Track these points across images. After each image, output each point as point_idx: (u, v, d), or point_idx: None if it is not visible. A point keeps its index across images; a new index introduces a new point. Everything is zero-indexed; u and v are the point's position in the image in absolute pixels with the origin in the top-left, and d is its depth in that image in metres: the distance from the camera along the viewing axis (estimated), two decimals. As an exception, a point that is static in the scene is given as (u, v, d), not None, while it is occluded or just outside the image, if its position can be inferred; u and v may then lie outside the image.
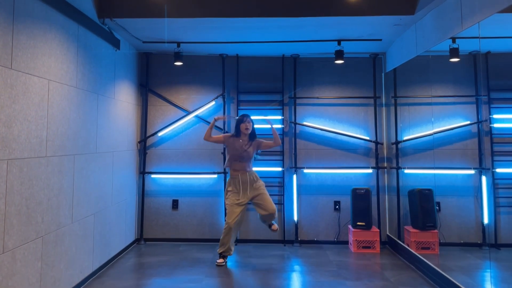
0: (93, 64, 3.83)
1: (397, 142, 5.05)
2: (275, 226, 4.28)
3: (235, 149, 4.23)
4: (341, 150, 5.25)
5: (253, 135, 4.30)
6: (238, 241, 5.06)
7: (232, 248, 4.27)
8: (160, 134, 5.25)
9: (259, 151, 4.38)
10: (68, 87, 3.34)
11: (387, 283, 3.75)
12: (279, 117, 5.26)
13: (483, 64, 4.47)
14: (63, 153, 3.23)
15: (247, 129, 4.24)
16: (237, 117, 4.52)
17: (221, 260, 4.22)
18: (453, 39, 3.66)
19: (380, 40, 4.61)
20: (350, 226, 5.01)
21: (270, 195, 4.28)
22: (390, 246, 4.98)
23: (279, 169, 5.22)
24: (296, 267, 4.28)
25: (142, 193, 5.21)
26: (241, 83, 5.34)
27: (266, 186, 4.33)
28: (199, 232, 5.20)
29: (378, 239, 4.84)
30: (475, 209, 4.58)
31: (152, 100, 5.34)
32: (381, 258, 4.57)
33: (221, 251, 4.21)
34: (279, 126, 5.25)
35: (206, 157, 5.28)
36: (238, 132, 4.29)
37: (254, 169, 4.38)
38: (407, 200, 4.77)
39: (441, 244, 4.48)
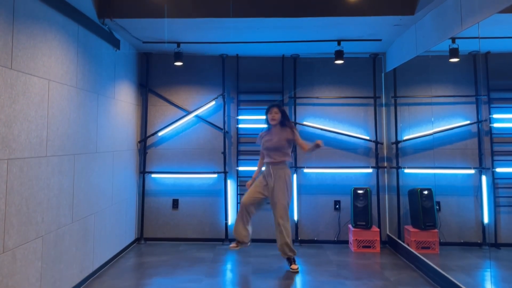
0: (93, 64, 3.83)
1: (397, 142, 5.05)
2: (295, 266, 4.07)
3: (263, 141, 4.15)
4: (341, 150, 5.25)
5: (283, 122, 4.13)
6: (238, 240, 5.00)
7: (247, 235, 4.13)
8: (160, 134, 5.26)
9: (290, 143, 4.13)
10: (68, 87, 3.34)
11: (387, 282, 3.75)
12: (279, 117, 5.26)
13: (483, 64, 4.46)
14: (63, 153, 3.23)
15: (273, 119, 4.12)
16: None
17: (233, 245, 4.16)
18: (453, 39, 3.66)
19: (380, 40, 4.61)
20: (350, 226, 5.01)
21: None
22: (390, 245, 4.99)
23: (279, 169, 5.22)
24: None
25: (142, 193, 5.21)
26: (241, 83, 5.34)
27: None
28: (199, 232, 5.21)
29: (378, 238, 4.85)
30: (475, 209, 4.58)
31: (152, 100, 5.34)
32: (381, 258, 4.57)
33: (236, 236, 4.15)
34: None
35: (206, 157, 5.28)
36: (269, 126, 4.19)
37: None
38: (407, 199, 4.77)
39: (441, 244, 4.48)
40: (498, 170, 4.46)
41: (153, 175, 5.25)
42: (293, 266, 4.06)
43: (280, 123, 4.14)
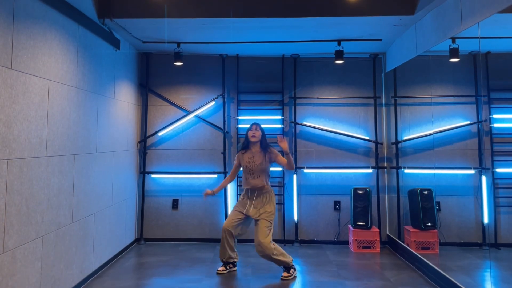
0: (93, 64, 3.83)
1: (397, 142, 5.05)
2: (285, 273, 3.87)
3: (244, 162, 3.92)
4: (341, 150, 5.25)
5: (264, 144, 3.93)
6: (238, 240, 4.99)
7: (233, 255, 4.01)
8: (160, 134, 5.26)
9: (271, 163, 3.97)
10: (68, 87, 3.34)
11: (387, 283, 3.75)
12: (279, 117, 5.26)
13: (483, 64, 4.47)
14: (63, 153, 3.23)
15: (253, 136, 3.90)
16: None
17: (221, 268, 4.00)
18: (453, 39, 3.67)
19: (380, 40, 4.61)
20: (350, 226, 5.01)
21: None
22: (390, 246, 4.99)
23: (279, 169, 5.21)
24: (296, 267, 4.27)
25: (142, 193, 5.21)
26: (241, 83, 5.34)
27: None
28: (199, 232, 5.20)
29: (378, 239, 4.85)
30: (475, 209, 4.58)
31: (152, 100, 5.34)
32: (381, 258, 4.57)
33: (221, 258, 4.02)
34: (279, 126, 5.25)
35: (206, 157, 5.28)
36: (247, 143, 3.96)
37: None
38: (407, 200, 4.77)
39: (441, 244, 4.49)
40: (498, 170, 4.46)
41: (153, 175, 5.25)
42: (286, 274, 3.89)
43: (261, 144, 3.93)
